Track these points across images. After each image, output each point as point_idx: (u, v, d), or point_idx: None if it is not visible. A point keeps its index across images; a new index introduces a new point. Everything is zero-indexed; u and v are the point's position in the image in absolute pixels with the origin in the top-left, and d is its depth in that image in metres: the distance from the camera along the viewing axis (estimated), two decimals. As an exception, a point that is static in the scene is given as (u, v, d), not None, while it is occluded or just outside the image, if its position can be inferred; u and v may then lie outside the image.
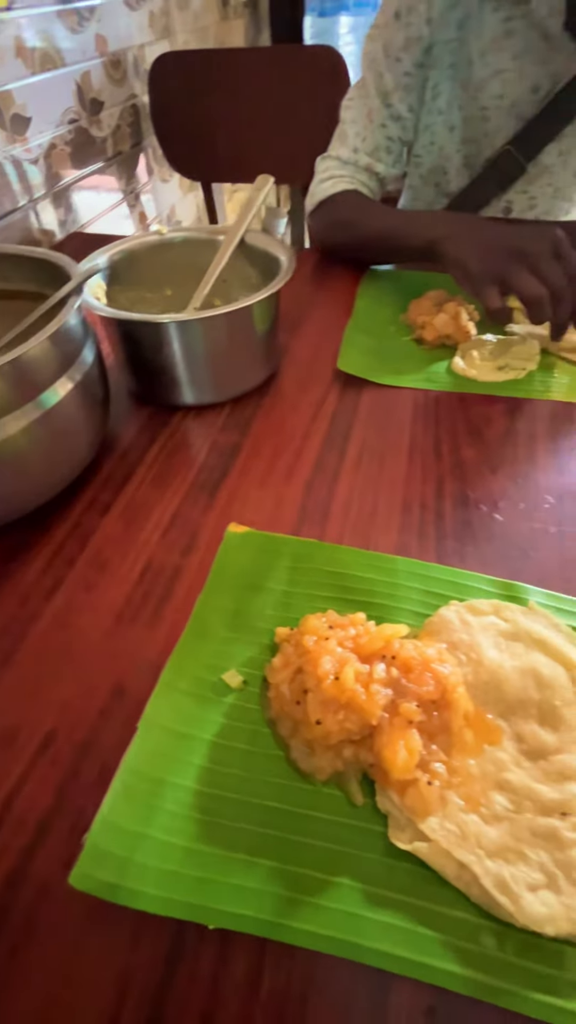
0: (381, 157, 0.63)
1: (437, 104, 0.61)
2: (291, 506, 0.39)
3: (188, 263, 0.51)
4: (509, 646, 0.29)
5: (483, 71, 0.56)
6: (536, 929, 0.20)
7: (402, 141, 0.63)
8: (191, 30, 1.09)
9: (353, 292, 0.61)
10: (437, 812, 0.23)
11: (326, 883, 0.22)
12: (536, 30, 0.52)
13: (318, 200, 0.66)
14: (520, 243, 0.45)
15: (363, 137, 0.62)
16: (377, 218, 0.60)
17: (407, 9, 0.54)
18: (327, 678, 0.25)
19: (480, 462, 0.41)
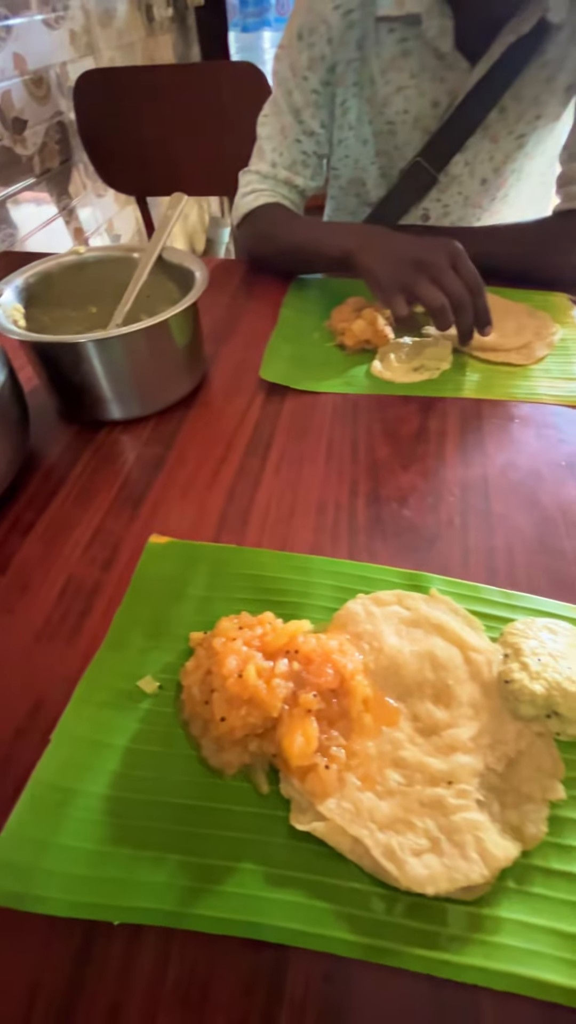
0: (299, 171, 0.66)
1: (348, 119, 0.64)
2: (213, 514, 0.40)
3: (111, 281, 0.52)
4: (409, 632, 0.31)
5: (385, 88, 0.59)
6: (418, 890, 0.22)
7: (318, 155, 0.66)
8: (117, 47, 1.10)
9: (280, 301, 0.63)
10: (335, 793, 0.25)
11: (230, 870, 0.23)
12: (430, 49, 0.56)
13: (242, 213, 0.68)
14: (422, 255, 0.48)
15: (280, 152, 0.64)
16: (297, 230, 0.63)
17: (308, 30, 0.57)
18: (231, 676, 0.27)
19: (393, 461, 0.43)
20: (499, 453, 0.44)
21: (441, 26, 0.53)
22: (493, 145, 0.62)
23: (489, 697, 0.28)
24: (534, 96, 0.57)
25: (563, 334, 0.56)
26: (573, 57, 0.54)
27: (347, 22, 0.56)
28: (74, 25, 0.96)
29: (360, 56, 0.58)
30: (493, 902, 0.22)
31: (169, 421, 0.49)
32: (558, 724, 0.27)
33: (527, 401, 0.49)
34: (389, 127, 0.63)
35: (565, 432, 0.45)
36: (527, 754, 0.26)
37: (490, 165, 0.64)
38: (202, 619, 0.33)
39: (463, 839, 0.23)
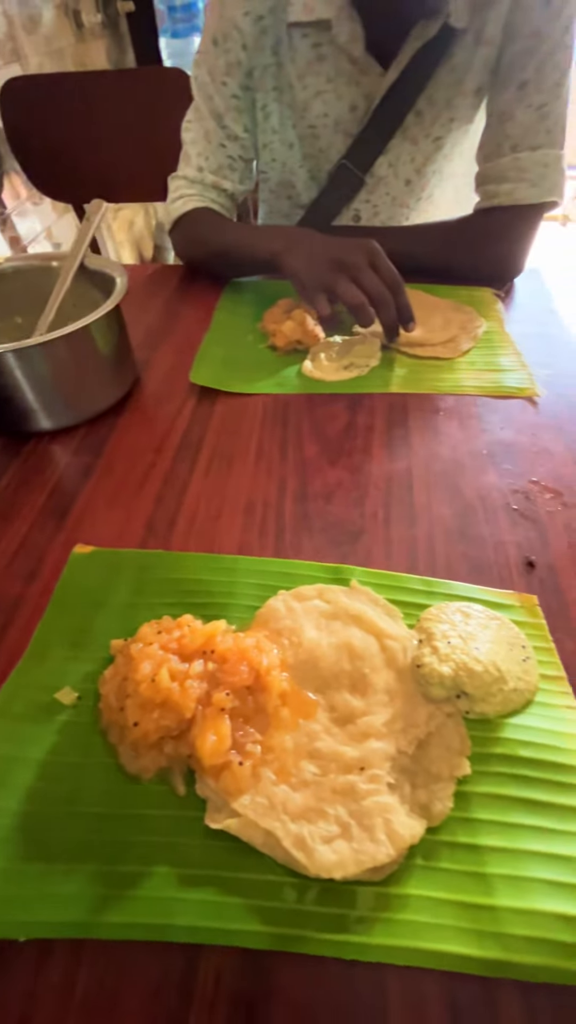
0: (226, 175, 0.66)
1: (270, 123, 0.64)
2: (139, 521, 0.40)
3: (36, 291, 0.51)
4: (328, 625, 0.32)
5: (303, 93, 0.60)
6: (326, 876, 0.22)
7: (243, 159, 0.66)
8: (45, 53, 1.08)
9: (214, 305, 0.64)
10: (249, 789, 0.25)
11: (143, 875, 0.23)
12: (343, 54, 0.57)
13: (173, 218, 0.68)
14: (341, 255, 0.49)
15: (205, 157, 0.65)
16: (226, 234, 0.63)
17: (222, 36, 0.57)
18: (145, 681, 0.27)
19: (320, 458, 0.44)
20: (423, 445, 0.45)
21: (351, 31, 0.55)
22: (413, 147, 0.64)
23: (404, 682, 0.29)
24: (446, 99, 0.59)
25: (487, 327, 0.58)
26: (479, 60, 0.56)
27: (259, 28, 0.57)
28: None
29: (276, 61, 0.59)
30: (401, 880, 0.23)
31: (99, 429, 0.48)
32: (467, 703, 0.28)
33: (452, 393, 0.50)
34: (311, 131, 0.64)
35: (487, 421, 0.47)
36: (437, 735, 0.27)
37: (412, 166, 0.66)
38: (125, 626, 0.33)
39: (372, 822, 0.24)
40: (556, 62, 0.53)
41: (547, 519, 0.38)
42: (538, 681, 0.29)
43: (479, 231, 0.62)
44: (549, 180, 0.58)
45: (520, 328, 0.59)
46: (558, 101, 0.55)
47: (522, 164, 0.58)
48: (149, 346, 0.58)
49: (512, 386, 0.51)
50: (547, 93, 0.55)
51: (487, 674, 0.27)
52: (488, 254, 0.63)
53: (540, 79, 0.54)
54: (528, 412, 0.48)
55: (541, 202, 0.59)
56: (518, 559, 0.36)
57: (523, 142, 0.57)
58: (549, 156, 0.57)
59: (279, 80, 0.61)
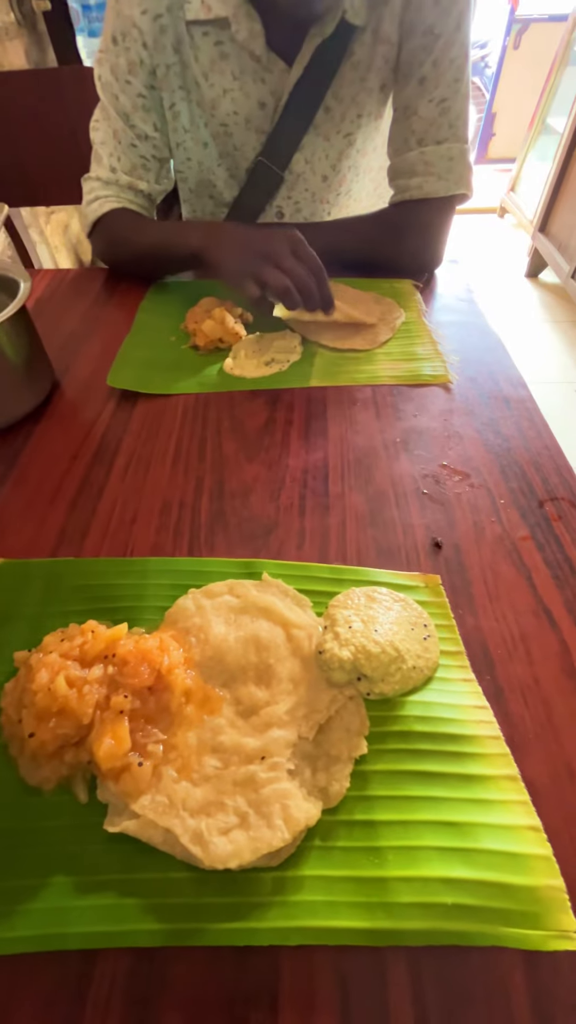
0: (140, 175, 0.65)
1: (180, 123, 0.64)
2: (52, 529, 0.39)
3: None
4: (236, 619, 0.32)
5: (210, 91, 0.60)
6: (222, 867, 0.22)
7: (157, 159, 0.66)
8: (-45, 51, 1.04)
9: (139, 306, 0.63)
10: (150, 790, 0.25)
11: (40, 887, 0.23)
12: (245, 52, 0.57)
13: (90, 222, 0.66)
14: (265, 245, 0.50)
15: (117, 157, 0.64)
16: (147, 233, 0.62)
17: (122, 34, 0.57)
18: (41, 690, 0.26)
19: (239, 454, 0.44)
20: (340, 437, 0.46)
21: (250, 29, 0.55)
22: (326, 143, 0.64)
23: (308, 670, 0.29)
24: (352, 96, 0.60)
25: (406, 317, 0.59)
26: (379, 57, 0.57)
27: (158, 26, 0.56)
28: None
29: (179, 60, 0.59)
30: (298, 863, 0.23)
31: (14, 439, 0.47)
32: (367, 685, 0.28)
33: (369, 384, 0.51)
34: (224, 129, 0.64)
35: (402, 410, 0.48)
36: (338, 717, 0.28)
37: (327, 162, 0.66)
38: (33, 638, 0.32)
39: (270, 810, 0.24)
40: (451, 58, 0.55)
41: (454, 500, 0.40)
42: (438, 658, 0.30)
43: (395, 224, 0.63)
44: (455, 173, 0.60)
45: (439, 317, 0.60)
46: (458, 96, 0.57)
47: (428, 158, 0.59)
48: (70, 351, 0.57)
49: (427, 374, 0.52)
50: (446, 88, 0.56)
51: (384, 655, 0.28)
52: (406, 246, 0.64)
53: (438, 75, 0.56)
54: (441, 398, 0.49)
55: (450, 195, 0.61)
56: (426, 541, 0.37)
57: (428, 136, 0.58)
58: (454, 150, 0.59)
59: (184, 79, 0.60)
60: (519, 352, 1.83)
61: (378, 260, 0.65)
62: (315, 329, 0.57)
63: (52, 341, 0.55)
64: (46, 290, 0.68)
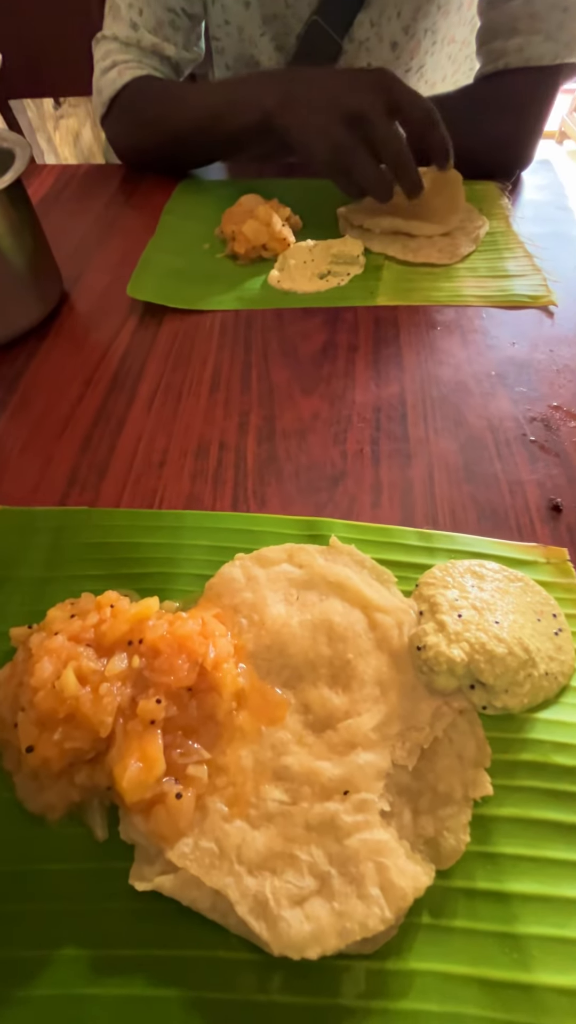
0: (168, 35, 0.52)
1: (219, -38, 0.50)
2: (61, 470, 0.31)
3: None
4: (301, 597, 0.24)
5: None
6: (297, 956, 0.16)
7: (188, 15, 0.52)
8: None
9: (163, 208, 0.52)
10: (192, 829, 0.18)
11: (43, 962, 0.17)
12: None
13: (108, 98, 0.54)
14: (352, 104, 0.40)
15: (139, 9, 0.51)
16: (192, 101, 0.50)
17: None
18: (44, 687, 0.19)
19: (292, 385, 0.35)
20: (418, 367, 0.36)
21: None
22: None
23: (400, 670, 0.22)
24: None
25: (489, 227, 0.48)
26: None
27: None
28: None
29: None
30: (401, 950, 0.17)
31: (15, 358, 0.38)
32: (484, 695, 0.21)
33: (451, 304, 0.41)
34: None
35: (494, 337, 0.38)
36: (446, 740, 0.20)
37: (399, 23, 0.53)
38: (35, 609, 0.25)
39: (360, 870, 0.17)
40: None
41: (573, 451, 0.31)
42: (574, 663, 0.22)
43: (481, 104, 0.50)
44: (569, 30, 0.46)
45: (529, 228, 0.49)
46: None
47: (536, 10, 0.45)
48: (81, 259, 0.47)
49: (523, 294, 0.41)
50: None
51: (512, 656, 0.20)
52: (492, 133, 0.51)
53: None
54: (544, 324, 0.39)
55: (559, 63, 0.47)
56: (540, 502, 0.28)
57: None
58: (570, 4, 0.45)
59: None
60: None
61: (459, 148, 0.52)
62: (381, 238, 0.46)
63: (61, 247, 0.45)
64: (52, 188, 0.57)
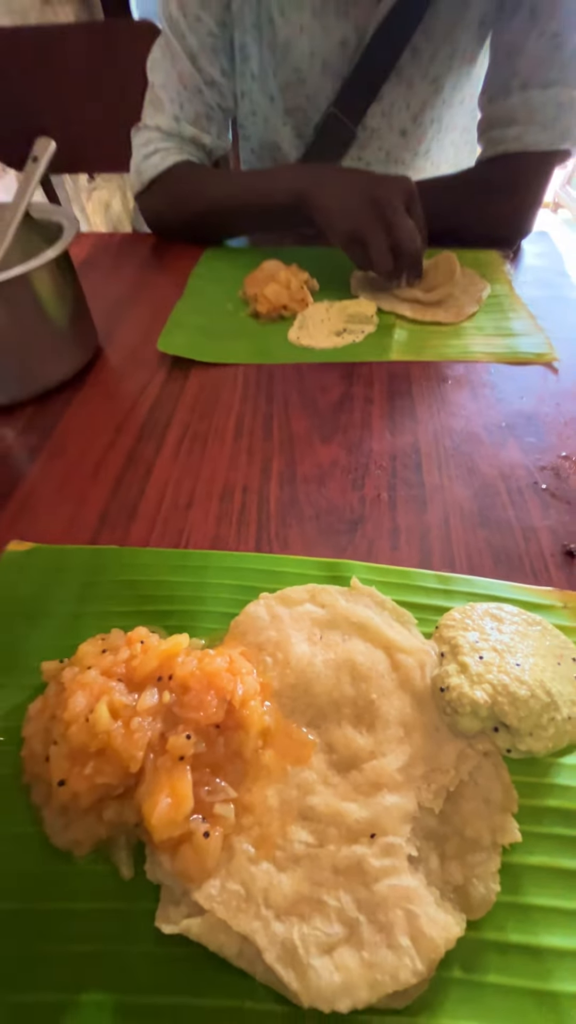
0: (204, 126, 0.59)
1: (249, 67, 0.57)
2: (93, 511, 0.33)
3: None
4: (324, 636, 0.25)
5: (286, 29, 0.53)
6: (327, 1009, 0.15)
7: (222, 109, 0.59)
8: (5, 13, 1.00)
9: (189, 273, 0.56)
10: (219, 871, 0.18)
11: (68, 1007, 0.16)
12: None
13: (148, 179, 0.60)
14: (378, 192, 0.46)
15: (180, 104, 0.57)
16: (228, 183, 0.57)
17: (196, -37, 0.50)
18: (76, 721, 0.20)
19: (312, 434, 0.37)
20: (431, 419, 0.38)
21: (339, -47, 0.48)
22: (409, 91, 0.57)
23: (423, 711, 0.22)
24: (446, 31, 0.52)
25: (492, 290, 0.51)
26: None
27: (239, -46, 0.50)
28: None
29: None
30: (434, 1006, 0.16)
31: (51, 406, 0.41)
32: (508, 739, 0.21)
33: (460, 360, 0.43)
34: (297, 75, 0.57)
35: (502, 390, 0.40)
36: (472, 783, 0.20)
37: (408, 114, 0.59)
38: (67, 644, 0.25)
39: (390, 918, 0.17)
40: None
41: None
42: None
43: (483, 184, 0.55)
44: (563, 123, 0.51)
45: (531, 292, 0.52)
46: (573, 34, 0.49)
47: (532, 104, 0.51)
48: (115, 317, 0.51)
49: (528, 351, 0.44)
50: (561, 21, 0.48)
51: (535, 699, 0.21)
52: (494, 210, 0.56)
53: (553, 4, 0.47)
54: (549, 380, 0.41)
55: (554, 150, 0.53)
56: (554, 548, 0.29)
57: (534, 78, 0.50)
58: (563, 95, 0.50)
59: (259, 16, 0.54)
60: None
61: (462, 226, 0.57)
62: (391, 299, 0.50)
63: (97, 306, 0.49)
64: (91, 253, 0.62)
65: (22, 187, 0.43)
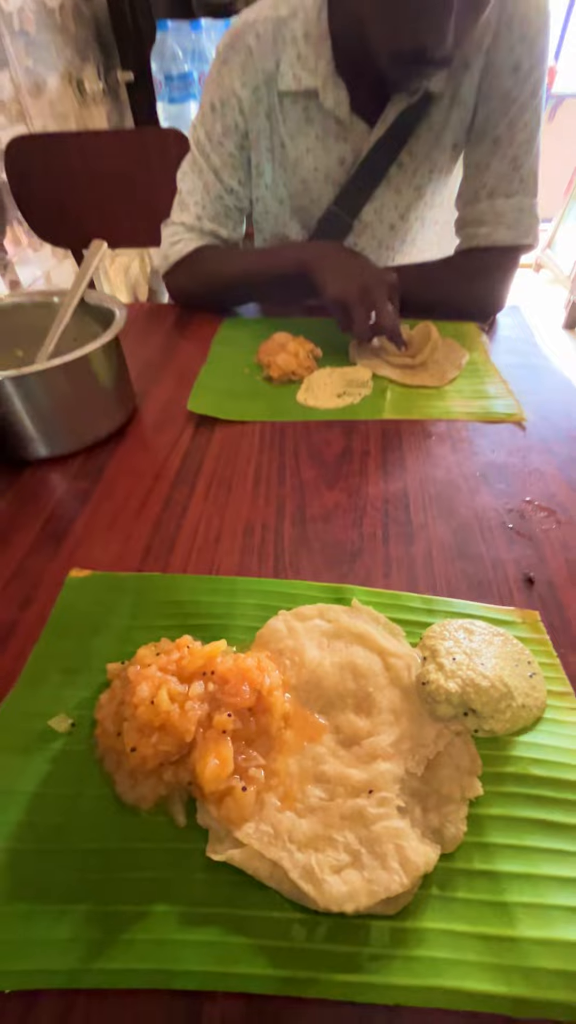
0: (223, 223, 0.70)
1: (263, 180, 0.69)
2: (138, 544, 0.39)
3: (36, 326, 0.53)
4: (331, 644, 0.31)
5: (295, 151, 0.65)
6: (337, 910, 0.21)
7: (239, 209, 0.70)
8: (49, 115, 1.16)
9: (211, 340, 0.66)
10: (253, 817, 0.24)
11: (142, 915, 0.22)
12: (330, 116, 0.62)
13: (173, 261, 0.71)
14: (369, 283, 0.56)
15: (203, 205, 0.68)
16: (243, 259, 0.67)
17: (221, 102, 0.62)
18: (143, 704, 0.26)
19: (318, 481, 0.45)
20: (418, 468, 0.46)
21: (336, 97, 0.60)
22: (396, 195, 0.68)
23: (409, 701, 0.28)
24: (426, 153, 0.64)
25: (471, 357, 0.60)
26: (455, 119, 0.61)
27: (255, 97, 0.62)
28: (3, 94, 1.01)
29: (269, 125, 0.64)
30: (416, 912, 0.22)
31: (98, 456, 0.48)
32: (474, 721, 0.27)
33: (442, 419, 0.51)
34: (303, 185, 0.68)
35: (478, 445, 0.48)
36: (446, 754, 0.26)
37: (396, 212, 0.70)
38: (123, 650, 0.32)
39: (384, 849, 0.22)
40: (526, 121, 0.58)
41: (543, 537, 0.39)
42: (546, 697, 0.29)
43: (462, 270, 0.66)
44: (524, 224, 0.62)
45: (504, 359, 0.61)
46: (529, 155, 0.60)
47: (498, 209, 0.62)
48: (148, 378, 0.60)
49: (500, 412, 0.52)
50: (519, 147, 0.59)
51: (494, 689, 0.27)
52: (471, 291, 0.66)
53: (512, 135, 0.59)
54: (517, 436, 0.49)
55: (517, 244, 0.63)
56: (517, 576, 0.36)
57: (499, 189, 0.61)
58: (524, 203, 0.61)
59: (272, 141, 0.65)
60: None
61: (442, 303, 0.67)
62: (384, 366, 0.59)
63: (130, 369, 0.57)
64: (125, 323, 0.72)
65: (78, 278, 0.53)
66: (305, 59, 0.59)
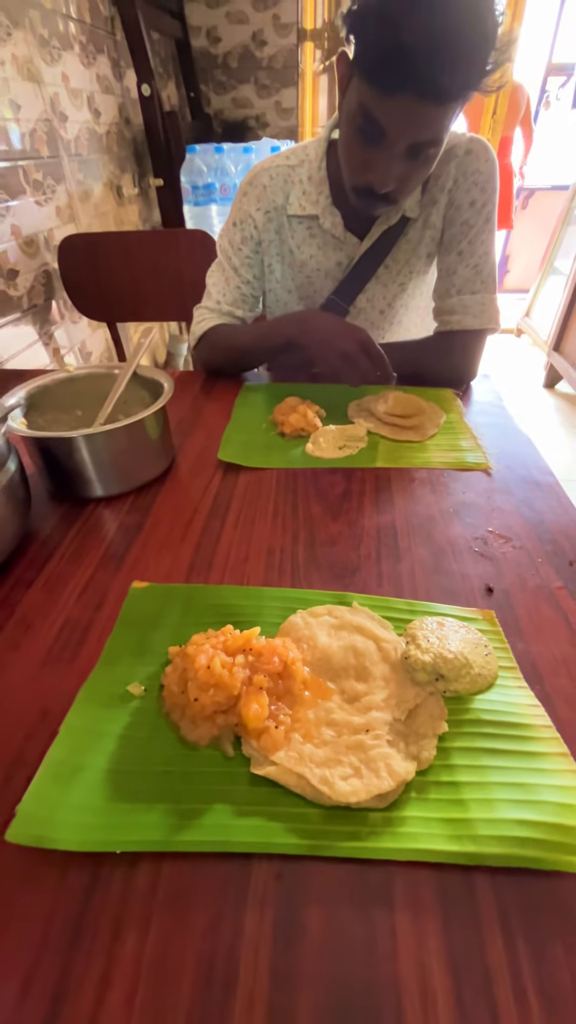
0: (239, 306, 0.86)
1: (274, 276, 0.85)
2: (183, 563, 0.50)
3: (93, 391, 0.66)
4: (337, 633, 0.41)
5: (300, 256, 0.81)
6: (344, 801, 0.30)
7: (253, 296, 0.86)
8: (94, 215, 1.37)
9: (232, 402, 0.79)
10: (283, 747, 0.33)
11: (205, 810, 0.31)
12: (328, 233, 0.78)
13: (197, 336, 0.86)
14: (343, 345, 0.68)
15: (223, 293, 0.84)
16: (246, 333, 0.81)
17: (240, 221, 0.80)
18: (202, 668, 0.36)
19: (325, 515, 0.56)
20: (404, 505, 0.57)
21: (333, 220, 0.76)
22: (384, 289, 0.84)
23: (396, 672, 0.38)
24: (405, 260, 0.80)
25: (448, 418, 0.73)
26: (427, 237, 0.78)
27: (267, 218, 0.79)
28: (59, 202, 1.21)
29: (279, 238, 0.81)
30: (400, 806, 0.31)
31: (145, 496, 0.60)
32: (443, 684, 0.37)
33: (424, 467, 0.63)
34: (307, 279, 0.84)
35: (452, 488, 0.60)
36: (423, 706, 0.36)
37: (384, 301, 0.86)
38: (178, 640, 0.41)
39: (377, 765, 0.32)
40: (483, 240, 0.74)
41: (501, 558, 0.50)
42: (497, 671, 0.38)
43: (439, 347, 0.80)
44: (487, 313, 0.77)
45: (476, 419, 0.74)
46: (487, 263, 0.76)
47: (466, 303, 0.77)
48: (181, 433, 0.72)
49: (471, 462, 0.64)
50: (479, 258, 0.75)
51: (457, 661, 0.37)
52: (447, 364, 0.80)
53: (472, 249, 0.75)
54: (484, 481, 0.61)
55: (483, 328, 0.78)
56: (480, 586, 0.46)
57: (465, 288, 0.77)
58: (485, 298, 0.77)
59: (281, 250, 0.82)
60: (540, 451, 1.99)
61: (423, 374, 0.81)
62: (377, 424, 0.72)
63: (167, 425, 0.70)
64: (158, 387, 0.86)
65: (132, 355, 0.66)
66: (308, 194, 0.76)
